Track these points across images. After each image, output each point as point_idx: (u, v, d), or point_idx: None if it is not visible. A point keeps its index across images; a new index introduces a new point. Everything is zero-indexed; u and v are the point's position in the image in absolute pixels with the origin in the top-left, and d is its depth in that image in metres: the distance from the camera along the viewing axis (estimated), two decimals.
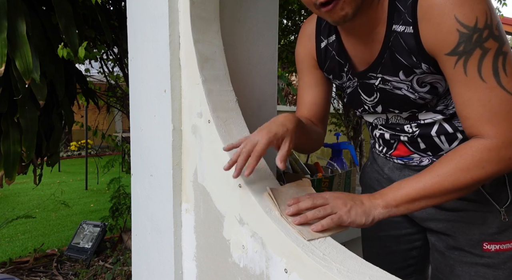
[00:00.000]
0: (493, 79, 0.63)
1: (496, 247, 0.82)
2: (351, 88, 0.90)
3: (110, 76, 2.68)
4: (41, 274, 2.44)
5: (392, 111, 0.85)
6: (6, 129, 1.92)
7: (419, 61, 0.73)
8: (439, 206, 0.87)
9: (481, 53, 0.63)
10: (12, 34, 1.69)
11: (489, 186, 0.82)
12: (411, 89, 0.77)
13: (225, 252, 0.83)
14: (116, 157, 3.39)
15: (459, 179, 0.65)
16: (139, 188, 1.15)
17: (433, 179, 0.67)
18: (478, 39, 0.63)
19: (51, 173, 4.77)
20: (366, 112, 0.91)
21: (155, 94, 1.01)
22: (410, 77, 0.76)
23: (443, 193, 0.67)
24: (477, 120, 0.64)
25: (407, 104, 0.80)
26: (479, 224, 0.82)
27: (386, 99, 0.83)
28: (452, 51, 0.65)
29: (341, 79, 0.92)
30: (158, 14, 0.97)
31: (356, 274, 0.59)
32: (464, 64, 0.64)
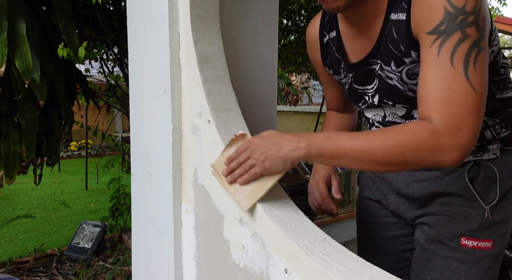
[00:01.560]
0: (462, 67, 0.61)
1: (474, 244, 0.82)
2: (347, 85, 0.92)
3: (110, 76, 2.68)
4: (41, 274, 2.44)
5: (387, 103, 0.84)
6: (6, 129, 1.92)
7: (408, 50, 0.73)
8: (426, 205, 0.88)
9: (460, 37, 0.62)
10: (12, 34, 1.69)
11: (478, 182, 0.81)
12: (401, 80, 0.78)
13: (225, 252, 0.83)
14: (116, 157, 3.39)
15: (390, 153, 0.63)
16: (139, 188, 1.15)
17: (367, 143, 0.64)
18: (462, 21, 0.62)
19: (51, 173, 4.76)
20: (366, 106, 0.91)
21: (155, 94, 1.01)
22: (400, 67, 0.76)
23: (370, 161, 0.65)
24: (432, 103, 0.62)
25: (398, 95, 0.80)
26: (461, 219, 0.83)
27: (381, 88, 0.83)
28: (434, 29, 0.64)
29: (340, 75, 0.94)
30: (158, 14, 0.97)
31: (356, 274, 0.59)
32: (440, 45, 0.63)
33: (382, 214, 1.00)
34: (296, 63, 3.22)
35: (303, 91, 6.11)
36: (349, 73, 0.89)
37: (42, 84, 1.83)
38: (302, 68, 3.59)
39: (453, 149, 0.61)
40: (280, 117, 4.98)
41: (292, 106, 5.76)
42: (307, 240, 0.67)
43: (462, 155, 0.61)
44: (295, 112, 5.38)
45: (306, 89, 4.38)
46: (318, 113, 3.89)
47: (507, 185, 0.83)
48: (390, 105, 0.85)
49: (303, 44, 3.38)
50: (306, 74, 4.71)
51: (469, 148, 0.61)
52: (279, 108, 4.81)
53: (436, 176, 0.86)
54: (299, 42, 3.21)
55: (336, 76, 0.95)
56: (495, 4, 14.32)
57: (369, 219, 1.03)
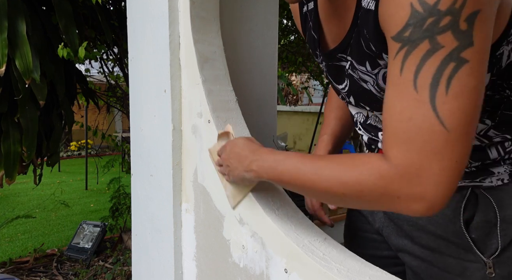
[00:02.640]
0: (427, 92, 0.45)
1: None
2: (325, 72, 0.76)
3: (110, 76, 2.68)
4: (41, 274, 2.44)
5: (364, 106, 0.70)
6: (6, 129, 1.93)
7: (379, 51, 0.56)
8: (412, 239, 0.73)
9: (428, 48, 0.45)
10: (12, 34, 1.69)
11: (475, 227, 0.64)
12: (376, 85, 0.62)
13: (225, 252, 0.83)
14: (116, 157, 3.39)
15: (334, 191, 0.53)
16: (139, 188, 1.15)
17: (311, 176, 0.55)
18: (431, 26, 0.44)
19: (51, 173, 4.76)
20: (345, 102, 0.77)
21: (155, 94, 1.01)
22: (376, 69, 0.60)
23: (315, 194, 0.61)
24: (389, 137, 0.49)
25: (374, 101, 0.65)
26: (456, 275, 0.66)
27: (354, 90, 0.68)
28: (398, 34, 0.47)
29: (317, 58, 0.76)
30: (158, 14, 0.97)
31: (356, 274, 0.59)
32: (403, 58, 0.47)
33: (369, 230, 0.85)
34: (296, 63, 3.22)
35: (303, 91, 6.11)
36: (322, 62, 0.73)
37: (42, 84, 1.83)
38: (302, 68, 3.59)
39: (412, 199, 0.47)
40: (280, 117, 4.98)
41: (292, 106, 5.75)
42: (307, 240, 0.67)
43: (430, 206, 0.47)
44: (295, 112, 5.38)
45: (306, 89, 4.38)
46: (318, 113, 3.89)
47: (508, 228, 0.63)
48: (367, 110, 0.71)
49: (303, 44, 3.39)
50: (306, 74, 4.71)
51: (439, 199, 0.46)
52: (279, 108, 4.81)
53: None
54: (299, 42, 3.21)
55: (316, 58, 0.78)
56: None
57: (357, 233, 0.89)
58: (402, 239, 0.75)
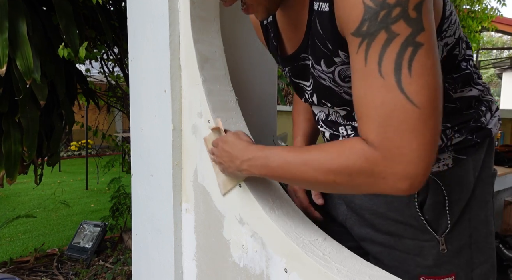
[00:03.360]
0: (393, 77, 0.49)
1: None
2: (288, 78, 0.82)
3: (110, 76, 2.68)
4: (41, 274, 2.44)
5: (325, 103, 0.75)
6: (7, 129, 1.93)
7: (335, 48, 0.61)
8: (374, 227, 0.77)
9: (386, 38, 0.49)
10: (13, 35, 1.69)
11: (427, 209, 0.71)
12: (334, 82, 0.67)
13: (225, 252, 0.83)
14: (116, 157, 3.39)
15: (324, 179, 0.57)
16: (139, 188, 1.15)
17: (301, 167, 0.59)
18: (384, 18, 0.49)
19: (52, 173, 4.77)
20: (308, 103, 0.81)
21: (155, 94, 1.01)
22: (331, 68, 0.65)
23: (308, 185, 0.65)
24: (367, 124, 0.52)
25: (335, 97, 0.71)
26: (414, 255, 0.72)
27: (317, 87, 0.73)
28: (357, 30, 0.52)
29: (280, 64, 0.83)
30: (158, 14, 0.97)
31: (356, 274, 0.59)
32: (366, 50, 0.51)
33: (331, 224, 0.88)
34: None
35: None
36: (284, 67, 0.79)
37: (43, 84, 1.83)
38: None
39: (397, 177, 0.50)
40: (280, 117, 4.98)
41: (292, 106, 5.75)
42: (307, 240, 0.67)
43: (412, 183, 0.50)
44: None
45: None
46: None
47: (459, 207, 0.71)
48: (329, 106, 0.76)
49: None
50: None
51: (420, 174, 0.50)
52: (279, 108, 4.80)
53: None
54: None
55: (278, 64, 0.84)
56: (495, 5, 14.32)
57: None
58: (364, 228, 0.79)
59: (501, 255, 2.09)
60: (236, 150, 0.69)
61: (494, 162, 0.79)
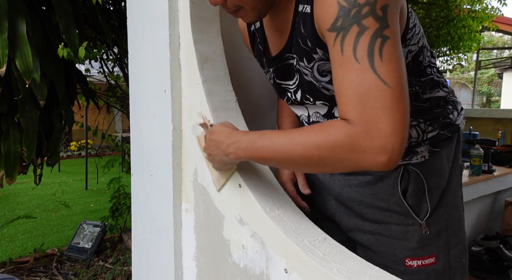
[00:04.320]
0: (367, 61, 0.56)
1: (418, 263, 0.78)
2: (271, 79, 0.88)
3: (110, 76, 2.68)
4: (41, 274, 2.44)
5: (308, 99, 0.80)
6: (6, 129, 1.93)
7: (314, 46, 0.70)
8: (362, 217, 0.84)
9: (358, 30, 0.57)
10: (13, 34, 1.69)
11: (410, 196, 0.78)
12: (313, 77, 0.75)
13: (225, 252, 0.83)
14: (116, 157, 3.39)
15: (309, 155, 0.60)
16: (139, 188, 1.15)
17: (287, 145, 0.63)
18: (355, 15, 0.58)
19: (51, 173, 4.76)
20: (290, 102, 0.87)
21: (155, 94, 1.01)
22: (311, 63, 0.73)
23: (293, 163, 0.65)
24: (346, 104, 0.58)
25: (316, 91, 0.77)
26: (400, 239, 0.79)
27: (301, 83, 0.80)
28: (332, 26, 0.60)
29: (264, 69, 0.90)
30: (158, 14, 0.97)
31: (356, 274, 0.59)
32: (341, 42, 0.59)
33: (321, 219, 0.92)
34: None
35: None
36: (270, 68, 0.86)
37: (42, 84, 1.83)
38: None
39: (376, 151, 0.55)
40: None
41: None
42: (307, 240, 0.67)
43: (391, 157, 0.55)
44: None
45: None
46: None
47: (437, 194, 0.80)
48: (311, 102, 0.81)
49: None
50: None
51: (396, 148, 0.55)
52: None
53: (368, 181, 0.82)
54: None
55: (262, 69, 0.91)
56: (495, 4, 14.31)
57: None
58: (353, 219, 0.86)
59: (502, 255, 2.09)
60: (222, 136, 0.72)
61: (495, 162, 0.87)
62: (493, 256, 2.07)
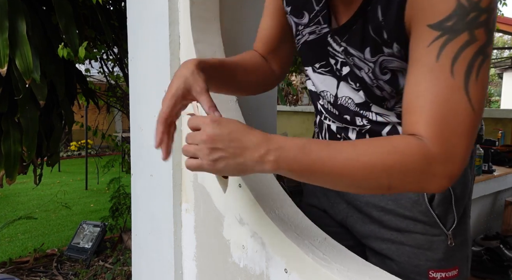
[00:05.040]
0: (462, 78, 0.50)
1: (442, 275, 0.74)
2: (315, 34, 0.71)
3: (110, 76, 2.68)
4: (41, 274, 2.44)
5: (355, 81, 0.70)
6: (6, 129, 1.93)
7: (391, 39, 0.59)
8: (381, 224, 0.77)
9: (466, 39, 0.50)
10: (13, 34, 1.69)
11: (437, 205, 0.74)
12: (372, 73, 0.65)
13: (225, 252, 0.83)
14: (116, 157, 3.38)
15: (377, 175, 0.52)
16: (139, 188, 1.15)
17: (349, 162, 0.52)
18: (472, 20, 0.49)
19: (51, 173, 4.76)
20: (323, 70, 0.74)
21: (155, 94, 1.01)
22: (375, 57, 0.63)
23: (349, 184, 0.55)
24: (424, 119, 0.51)
25: (364, 86, 0.68)
26: (425, 249, 0.74)
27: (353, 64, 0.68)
28: (439, 23, 0.51)
29: (301, 18, 0.72)
30: (158, 14, 0.97)
31: (356, 274, 0.59)
32: (442, 46, 0.51)
33: (327, 224, 0.85)
34: (296, 63, 3.22)
35: (303, 91, 6.11)
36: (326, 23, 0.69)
37: (42, 84, 1.83)
38: (302, 68, 3.58)
39: (443, 176, 0.51)
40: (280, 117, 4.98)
41: (292, 106, 5.75)
42: (307, 240, 0.67)
43: (450, 182, 0.52)
44: (295, 112, 5.38)
45: (306, 89, 4.39)
46: None
47: (462, 204, 0.76)
48: (355, 87, 0.70)
49: None
50: None
51: (458, 174, 0.52)
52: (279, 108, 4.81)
53: None
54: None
55: (294, 17, 0.74)
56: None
57: None
58: (368, 226, 0.79)
59: (502, 255, 2.09)
60: (250, 139, 0.55)
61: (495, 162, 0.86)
62: (493, 256, 2.07)
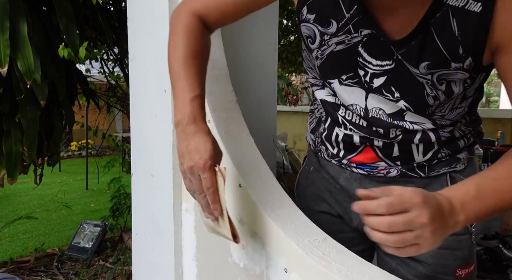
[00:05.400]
0: None
1: (466, 271, 0.77)
2: (343, 44, 0.66)
3: (110, 76, 2.68)
4: (42, 274, 2.44)
5: (392, 92, 0.67)
6: (7, 129, 1.93)
7: (467, 54, 0.58)
8: None
9: None
10: (14, 35, 1.69)
11: None
12: (432, 85, 0.64)
13: (225, 252, 0.83)
14: (117, 157, 3.39)
15: None
16: (139, 188, 1.15)
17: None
18: None
19: (52, 173, 4.76)
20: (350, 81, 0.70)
21: (155, 94, 1.02)
22: (432, 70, 0.61)
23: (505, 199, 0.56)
24: None
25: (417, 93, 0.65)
26: (453, 249, 0.75)
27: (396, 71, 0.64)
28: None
29: (328, 27, 0.66)
30: (158, 14, 0.98)
31: (356, 274, 0.60)
32: None
33: (341, 230, 0.84)
34: (296, 63, 3.22)
35: (303, 91, 6.11)
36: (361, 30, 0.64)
37: (43, 84, 1.83)
38: (302, 68, 3.58)
39: None
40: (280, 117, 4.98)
41: (292, 106, 5.75)
42: (307, 240, 0.67)
43: None
44: (295, 112, 5.38)
45: (306, 89, 4.38)
46: None
47: None
48: (392, 97, 0.67)
49: None
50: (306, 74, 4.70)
51: None
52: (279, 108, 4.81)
53: None
54: (299, 42, 3.21)
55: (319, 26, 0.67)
56: None
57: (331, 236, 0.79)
58: None
59: (501, 255, 2.09)
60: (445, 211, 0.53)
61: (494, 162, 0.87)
62: (492, 256, 2.07)
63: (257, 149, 0.84)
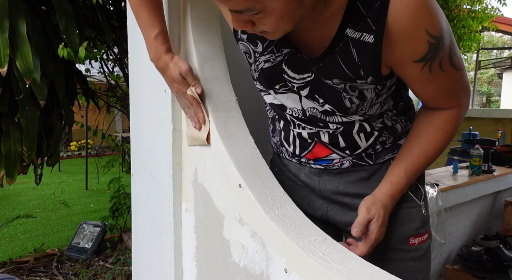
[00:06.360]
0: (450, 67, 0.71)
1: (419, 240, 0.87)
2: (270, 62, 0.79)
3: (110, 76, 2.69)
4: (41, 274, 2.45)
5: (316, 99, 0.79)
6: (7, 129, 1.93)
7: (367, 74, 0.71)
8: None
9: (443, 53, 0.69)
10: (13, 35, 1.69)
11: None
12: (345, 92, 0.75)
13: (225, 252, 0.83)
14: (116, 157, 3.39)
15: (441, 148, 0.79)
16: (139, 188, 1.15)
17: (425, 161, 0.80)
18: (442, 45, 0.68)
19: (51, 173, 4.77)
20: (283, 89, 0.81)
21: (155, 94, 1.01)
22: (343, 82, 0.73)
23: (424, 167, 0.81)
24: (442, 99, 0.77)
25: (334, 97, 0.77)
26: (405, 221, 0.86)
27: (315, 82, 0.76)
28: (421, 58, 0.69)
29: (256, 46, 0.79)
30: None
31: (356, 274, 0.59)
32: (430, 66, 0.70)
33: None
34: None
35: None
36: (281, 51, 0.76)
37: (43, 84, 1.83)
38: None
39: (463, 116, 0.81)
40: None
41: None
42: (307, 240, 0.67)
43: None
44: None
45: None
46: None
47: (423, 179, 0.91)
48: (318, 103, 0.79)
49: None
50: None
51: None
52: None
53: (362, 177, 0.86)
54: None
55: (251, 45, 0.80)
56: (495, 4, 14.31)
57: None
58: (349, 214, 0.88)
59: (502, 255, 2.09)
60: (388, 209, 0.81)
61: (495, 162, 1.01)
62: (493, 256, 2.07)
63: (257, 149, 0.84)
